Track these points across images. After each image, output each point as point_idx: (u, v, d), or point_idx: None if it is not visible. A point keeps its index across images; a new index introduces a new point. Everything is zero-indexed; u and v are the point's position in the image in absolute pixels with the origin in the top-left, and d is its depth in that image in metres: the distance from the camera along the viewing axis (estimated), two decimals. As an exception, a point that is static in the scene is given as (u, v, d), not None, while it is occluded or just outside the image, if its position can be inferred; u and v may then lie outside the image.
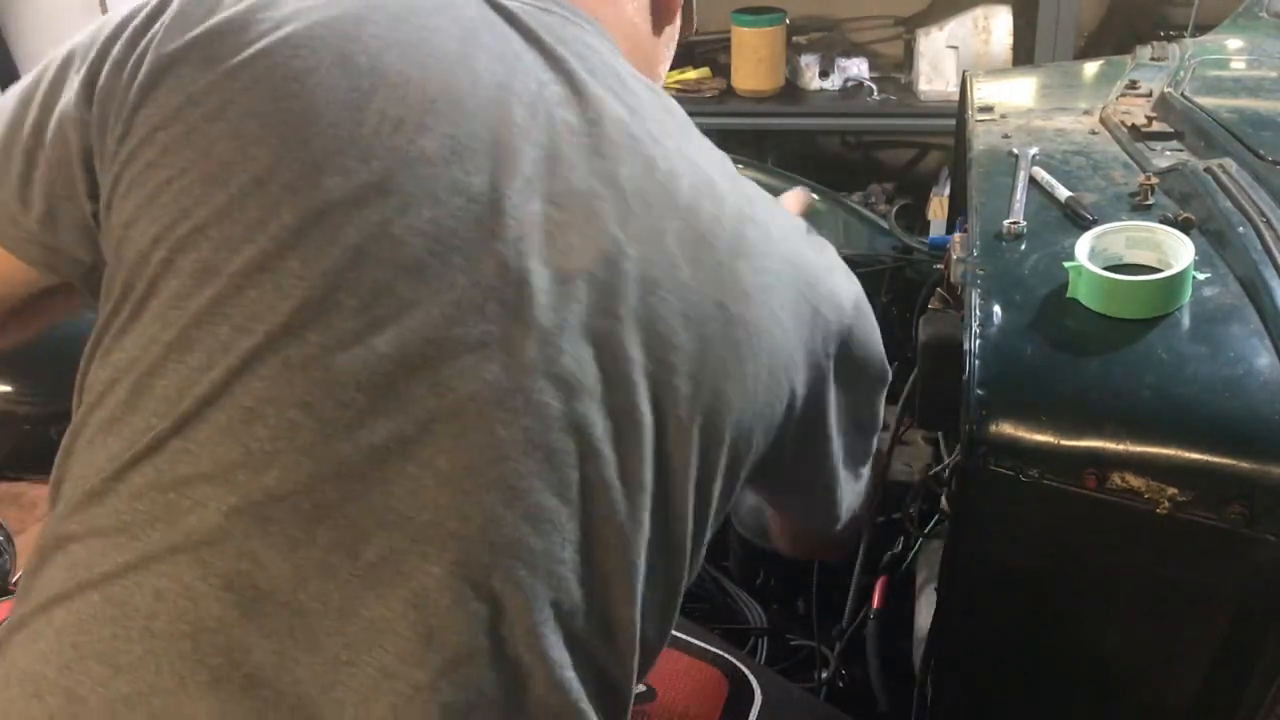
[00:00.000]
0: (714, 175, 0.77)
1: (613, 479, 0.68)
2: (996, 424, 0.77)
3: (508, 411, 0.65)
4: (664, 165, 0.74)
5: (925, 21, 2.77)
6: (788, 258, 0.78)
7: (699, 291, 0.71)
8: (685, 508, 0.71)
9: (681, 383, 0.70)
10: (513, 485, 0.65)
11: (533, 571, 0.65)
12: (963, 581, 0.86)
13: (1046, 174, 1.05)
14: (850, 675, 1.23)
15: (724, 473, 0.74)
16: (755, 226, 0.76)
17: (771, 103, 2.81)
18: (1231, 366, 0.76)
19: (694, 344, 0.70)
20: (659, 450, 0.69)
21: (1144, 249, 0.87)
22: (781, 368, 0.76)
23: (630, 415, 0.68)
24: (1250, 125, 1.08)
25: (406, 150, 0.68)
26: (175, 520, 0.63)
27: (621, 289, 0.69)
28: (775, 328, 0.75)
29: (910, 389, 1.30)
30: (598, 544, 0.68)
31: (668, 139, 0.76)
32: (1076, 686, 0.86)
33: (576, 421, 0.67)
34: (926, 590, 1.14)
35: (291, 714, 0.61)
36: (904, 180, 3.00)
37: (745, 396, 0.73)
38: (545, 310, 0.67)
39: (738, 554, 1.39)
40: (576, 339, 0.67)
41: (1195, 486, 0.73)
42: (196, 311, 0.66)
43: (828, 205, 1.89)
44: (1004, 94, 1.39)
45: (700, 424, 0.70)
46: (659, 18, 0.89)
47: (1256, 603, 0.74)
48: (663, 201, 0.72)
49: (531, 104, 0.72)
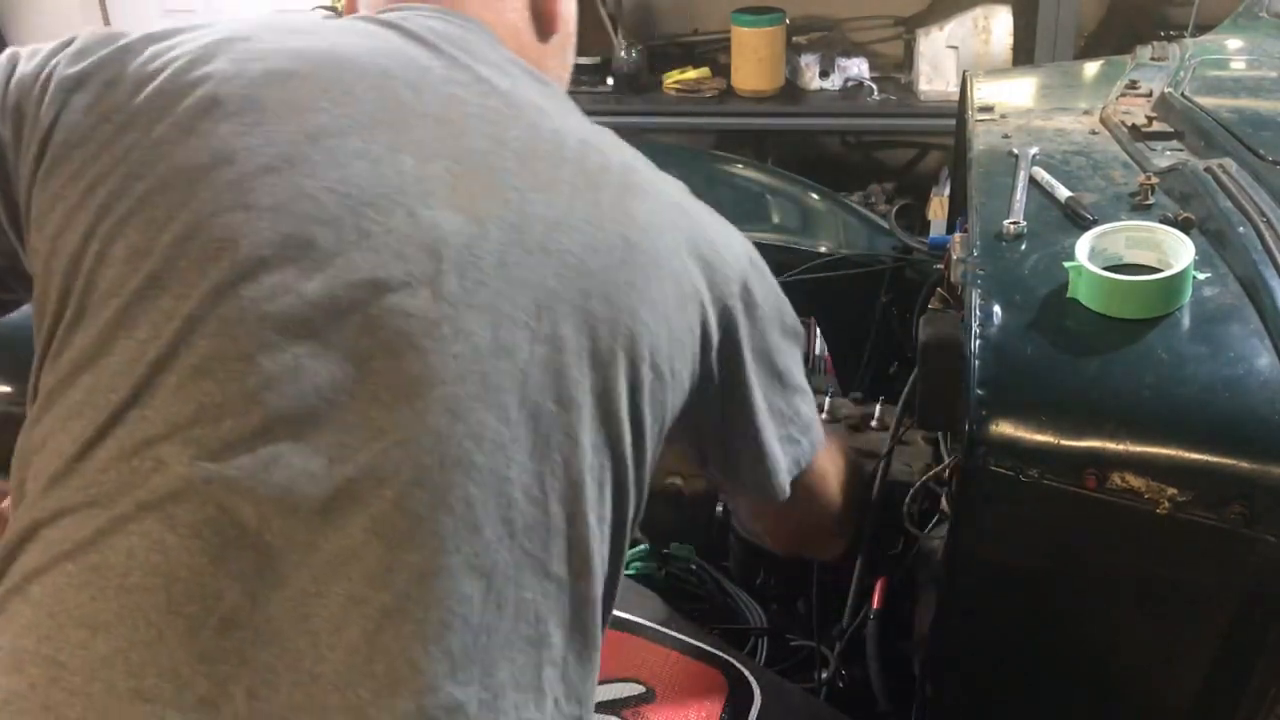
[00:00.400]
0: (596, 139, 0.83)
1: (547, 401, 0.72)
2: (996, 424, 0.77)
3: (436, 340, 0.69)
4: (548, 126, 0.81)
5: (925, 21, 2.77)
6: (675, 204, 0.84)
7: (598, 224, 0.77)
8: (621, 428, 0.75)
9: (598, 306, 0.74)
10: (452, 408, 0.68)
11: (483, 488, 0.68)
12: (963, 581, 0.86)
13: (1046, 174, 1.05)
14: (850, 675, 1.22)
15: (650, 396, 0.77)
16: (640, 175, 0.83)
17: (771, 103, 2.81)
18: (1231, 366, 0.76)
19: (603, 270, 0.75)
20: (588, 371, 0.73)
21: (1144, 249, 0.87)
22: (688, 296, 0.80)
23: (556, 339, 0.72)
24: (1250, 125, 1.09)
25: (305, 127, 0.74)
26: (141, 483, 0.66)
27: (528, 228, 0.74)
28: (673, 259, 0.80)
29: (910, 389, 1.30)
30: (544, 463, 0.71)
31: (550, 110, 0.83)
32: (1076, 686, 0.86)
33: (506, 347, 0.71)
34: (926, 590, 1.14)
35: (268, 650, 0.63)
36: (904, 180, 3.01)
37: (658, 318, 0.77)
38: (460, 250, 0.72)
39: (738, 554, 1.39)
40: (494, 274, 0.72)
41: (1195, 486, 0.73)
42: (136, 289, 0.70)
43: (827, 205, 1.89)
44: (1004, 94, 1.39)
45: (622, 343, 0.75)
46: (540, 26, 0.95)
47: (1256, 603, 0.74)
48: (552, 155, 0.79)
49: (416, 84, 0.79)
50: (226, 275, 0.69)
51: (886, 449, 1.29)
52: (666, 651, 1.06)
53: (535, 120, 0.81)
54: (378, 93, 0.77)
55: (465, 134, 0.77)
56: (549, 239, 0.74)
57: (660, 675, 1.03)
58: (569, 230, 0.75)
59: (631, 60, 2.86)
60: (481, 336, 0.70)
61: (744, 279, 0.85)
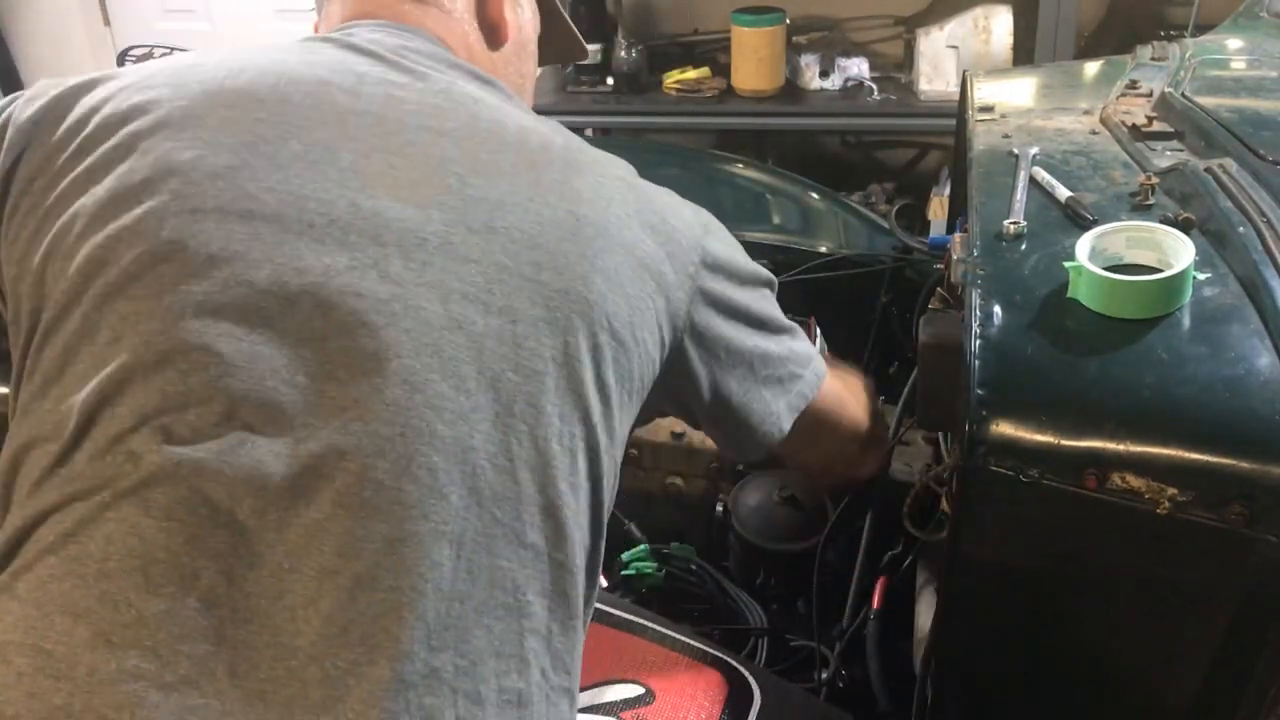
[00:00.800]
0: (537, 125, 0.86)
1: (506, 370, 0.73)
2: (996, 424, 0.77)
3: (387, 317, 0.71)
4: (487, 115, 0.84)
5: (925, 21, 2.77)
6: (621, 179, 0.86)
7: (543, 201, 0.79)
8: (587, 396, 0.76)
9: (550, 277, 0.76)
10: (409, 380, 0.70)
11: (446, 457, 0.70)
12: (963, 581, 0.86)
13: (1046, 174, 1.04)
14: (850, 675, 1.23)
15: (614, 363, 0.78)
16: (584, 154, 0.85)
17: (771, 103, 2.81)
18: (1231, 366, 0.76)
19: (553, 243, 0.77)
20: (546, 341, 0.75)
21: (1144, 249, 0.87)
22: (643, 265, 0.81)
23: (510, 310, 0.74)
24: (1250, 125, 1.08)
25: (244, 136, 0.78)
26: (117, 475, 0.68)
27: (472, 210, 0.77)
28: (624, 230, 0.81)
29: (910, 389, 1.30)
30: (509, 432, 0.72)
31: (489, 102, 0.86)
32: (1076, 686, 0.86)
33: (457, 319, 0.73)
34: (926, 590, 1.14)
35: (246, 627, 0.65)
36: (904, 180, 3.01)
37: (614, 287, 0.78)
38: (404, 234, 0.75)
39: (738, 554, 1.39)
40: (440, 253, 0.75)
41: (1195, 486, 0.73)
42: (95, 298, 0.73)
43: (827, 205, 1.89)
44: (1004, 94, 1.39)
45: (578, 311, 0.76)
46: (490, 36, 0.99)
47: (1256, 603, 0.74)
48: (491, 140, 0.81)
49: (352, 88, 0.83)
50: (178, 274, 0.72)
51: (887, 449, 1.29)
52: (666, 652, 1.06)
53: (474, 110, 0.84)
54: (314, 99, 0.81)
55: (404, 128, 0.80)
56: (494, 218, 0.77)
57: (660, 676, 1.03)
58: (514, 209, 0.77)
59: (631, 60, 2.86)
60: (432, 311, 0.72)
61: (700, 243, 0.86)
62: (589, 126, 3.02)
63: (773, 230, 1.84)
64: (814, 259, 1.67)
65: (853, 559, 1.29)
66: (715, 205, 0.93)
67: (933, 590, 1.11)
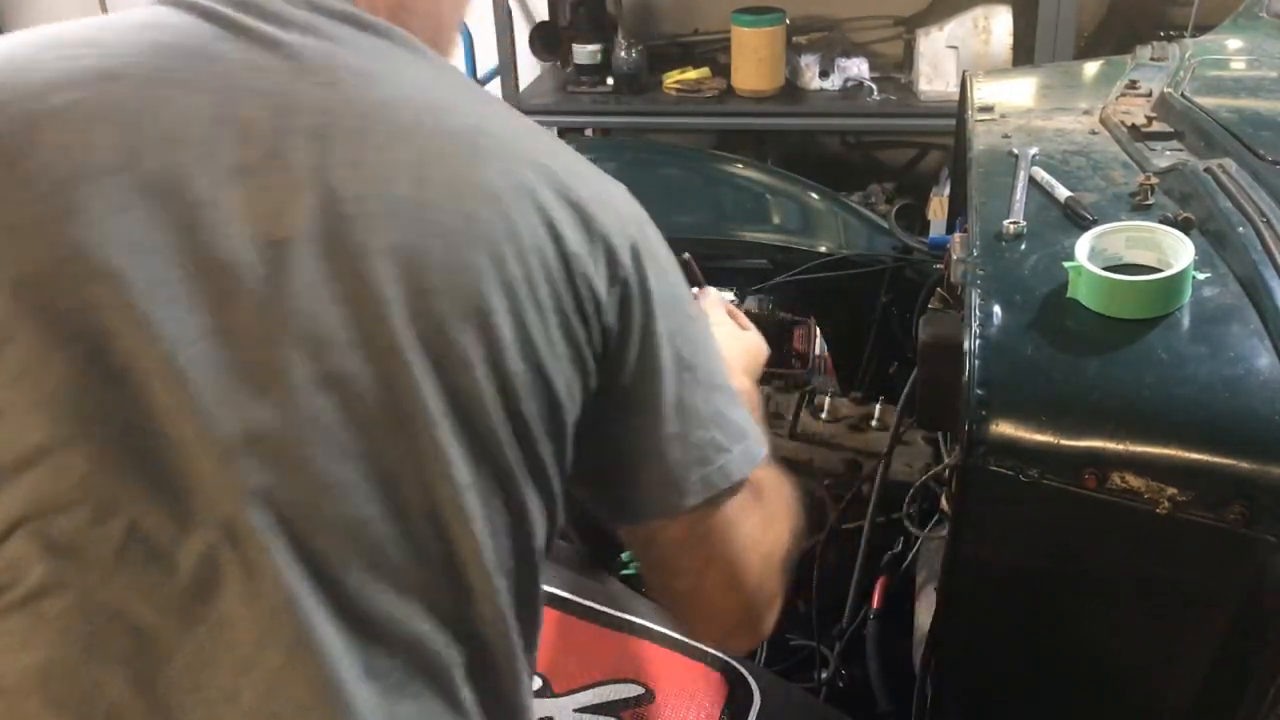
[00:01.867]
0: (441, 100, 0.73)
1: (381, 428, 0.65)
2: (996, 424, 0.77)
3: (252, 384, 0.63)
4: (374, 97, 0.70)
5: (925, 21, 2.77)
6: (534, 162, 0.72)
7: (436, 206, 0.67)
8: (496, 437, 0.68)
9: (441, 303, 0.66)
10: (292, 455, 0.63)
11: (335, 535, 0.64)
12: (963, 581, 0.86)
13: (1046, 174, 1.05)
14: (850, 675, 1.23)
15: (531, 384, 0.69)
16: (491, 138, 0.72)
17: (771, 103, 2.81)
18: (1231, 366, 0.76)
19: (444, 254, 0.67)
20: (439, 380, 0.66)
21: (1144, 249, 0.87)
22: (551, 260, 0.70)
23: (395, 355, 0.65)
24: (1250, 125, 1.08)
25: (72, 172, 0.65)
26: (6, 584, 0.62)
27: (346, 234, 0.65)
28: (537, 226, 0.70)
29: (910, 389, 1.30)
30: (410, 488, 0.66)
31: (382, 75, 0.72)
32: (1076, 686, 0.86)
33: (334, 376, 0.64)
34: (926, 590, 1.14)
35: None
36: (904, 180, 3.01)
37: (514, 295, 0.68)
38: (261, 282, 0.64)
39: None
40: (308, 298, 0.64)
41: (1195, 486, 0.73)
42: None
43: (827, 205, 1.89)
44: (1004, 94, 1.39)
45: (476, 334, 0.67)
46: None
47: (1256, 603, 0.74)
48: (380, 132, 0.69)
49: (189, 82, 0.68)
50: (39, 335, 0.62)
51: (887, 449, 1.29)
52: (666, 652, 1.06)
53: (360, 94, 0.70)
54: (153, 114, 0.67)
55: (262, 140, 0.67)
56: (375, 240, 0.66)
57: (660, 675, 1.03)
58: (396, 224, 0.66)
59: (631, 60, 2.86)
60: (300, 371, 0.64)
61: (630, 239, 0.74)
62: (589, 126, 3.01)
63: (773, 230, 1.84)
64: (814, 259, 1.67)
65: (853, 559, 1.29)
66: (715, 205, 0.93)
67: (933, 590, 1.11)
